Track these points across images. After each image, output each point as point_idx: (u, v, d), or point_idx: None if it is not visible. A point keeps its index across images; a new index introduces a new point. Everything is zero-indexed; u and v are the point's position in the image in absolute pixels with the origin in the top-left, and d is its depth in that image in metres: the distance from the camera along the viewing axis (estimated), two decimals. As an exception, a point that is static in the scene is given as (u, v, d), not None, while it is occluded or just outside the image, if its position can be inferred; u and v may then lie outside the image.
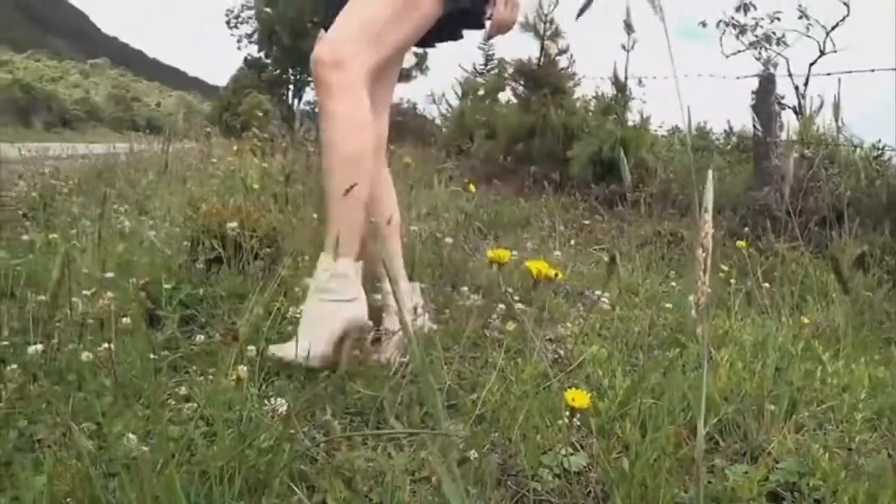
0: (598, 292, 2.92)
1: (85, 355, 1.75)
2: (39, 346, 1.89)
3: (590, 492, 1.34)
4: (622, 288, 3.18)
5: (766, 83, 5.97)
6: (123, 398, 1.72)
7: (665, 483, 1.14)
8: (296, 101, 37.35)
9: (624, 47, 7.73)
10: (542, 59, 8.56)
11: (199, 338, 2.11)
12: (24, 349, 1.94)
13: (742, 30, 11.29)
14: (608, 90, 7.98)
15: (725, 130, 8.79)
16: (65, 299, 2.28)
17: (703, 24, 11.47)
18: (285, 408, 1.44)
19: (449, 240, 3.00)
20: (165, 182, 5.50)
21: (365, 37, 1.93)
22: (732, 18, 11.30)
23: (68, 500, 1.28)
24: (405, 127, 23.97)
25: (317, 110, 2.01)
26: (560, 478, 1.35)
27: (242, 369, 1.62)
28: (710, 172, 0.67)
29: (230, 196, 4.17)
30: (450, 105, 12.89)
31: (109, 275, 2.44)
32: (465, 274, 2.92)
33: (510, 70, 8.65)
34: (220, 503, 1.27)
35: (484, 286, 2.75)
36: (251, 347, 1.83)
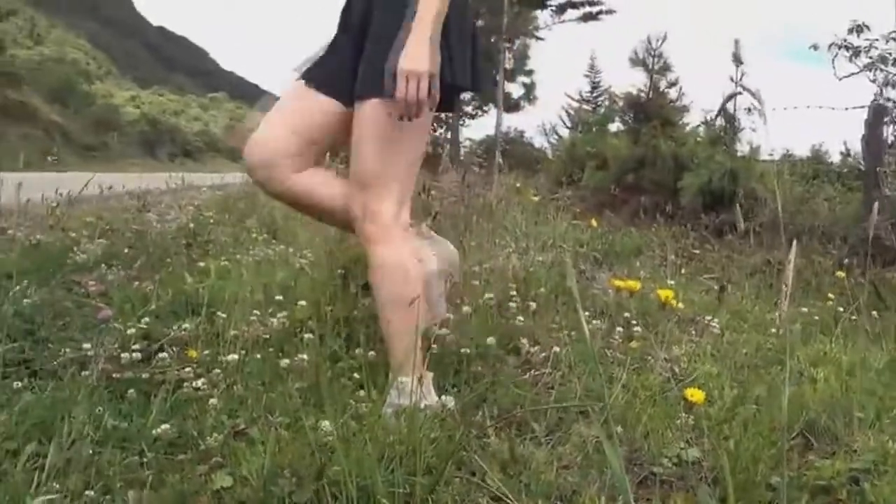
0: (708, 318, 3.17)
1: (283, 363, 2.15)
2: (234, 356, 2.30)
3: (702, 477, 1.63)
4: (731, 314, 3.42)
5: (877, 113, 6.06)
6: (310, 398, 2.09)
7: (764, 467, 1.42)
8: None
9: (732, 79, 7.89)
10: (652, 91, 8.80)
11: (358, 351, 2.48)
12: (216, 358, 2.35)
13: (856, 52, 11.12)
14: (717, 121, 8.16)
15: (842, 153, 8.78)
16: (244, 317, 2.71)
17: (815, 48, 11.34)
18: (453, 404, 1.78)
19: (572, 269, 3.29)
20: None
21: (383, 180, 2.02)
22: (845, 41, 11.13)
23: (285, 471, 1.64)
24: (512, 155, 24.34)
25: None
26: (678, 466, 1.65)
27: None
28: (794, 246, 0.96)
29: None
30: (558, 135, 13.16)
31: (279, 297, 2.86)
32: (586, 300, 3.22)
33: (620, 103, 8.90)
34: (401, 478, 1.61)
35: (604, 311, 3.05)
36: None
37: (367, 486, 1.54)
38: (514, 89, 37.04)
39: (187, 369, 2.17)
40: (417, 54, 1.89)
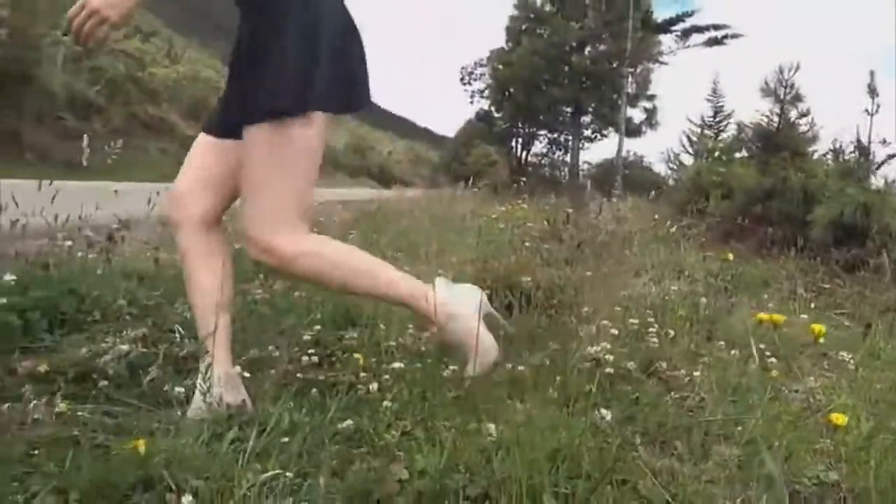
0: (842, 353, 3.24)
1: (447, 373, 2.39)
2: (399, 365, 2.55)
3: (842, 498, 1.76)
4: (863, 350, 3.47)
5: None
6: (465, 406, 2.31)
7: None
8: (524, 153, 38.70)
9: (868, 111, 7.78)
10: (781, 122, 8.74)
11: (508, 366, 2.70)
12: (380, 365, 2.60)
13: None
14: (849, 153, 8.04)
15: None
16: (399, 329, 2.96)
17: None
18: (609, 417, 1.98)
19: (703, 300, 3.44)
20: (434, 233, 6.29)
21: (275, 212, 2.06)
22: None
23: (459, 467, 1.86)
24: (631, 180, 24.26)
25: None
26: (817, 486, 1.79)
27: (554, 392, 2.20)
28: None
29: (492, 247, 4.84)
30: (680, 162, 13.13)
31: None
32: (717, 330, 3.35)
33: (748, 133, 8.87)
34: (563, 479, 1.80)
35: (736, 341, 3.17)
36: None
37: (534, 484, 1.74)
38: (636, 114, 37.07)
39: (361, 375, 2.43)
40: None
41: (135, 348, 2.43)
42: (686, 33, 31.49)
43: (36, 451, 1.82)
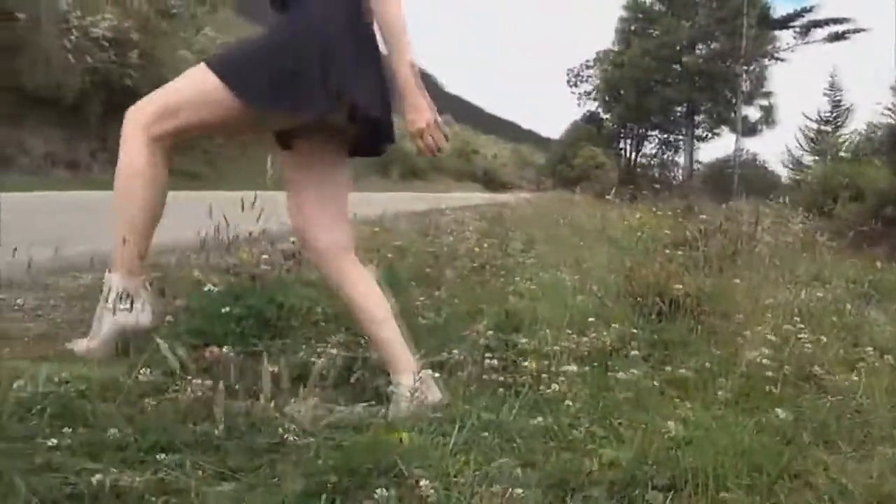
0: None
1: (619, 375, 2.63)
2: (572, 368, 2.79)
3: None
4: None
5: None
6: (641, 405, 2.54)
7: None
8: (633, 154, 38.34)
9: None
10: (914, 121, 8.56)
11: (668, 369, 2.91)
12: (549, 368, 2.84)
13: None
14: None
15: None
16: (560, 335, 3.19)
17: None
18: (784, 417, 2.18)
19: (849, 306, 3.57)
20: (563, 238, 6.50)
21: (163, 95, 2.33)
22: None
23: (647, 459, 2.08)
24: (748, 180, 23.77)
25: None
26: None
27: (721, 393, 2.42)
28: None
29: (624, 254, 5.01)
30: (802, 164, 12.87)
31: (591, 319, 3.33)
32: (863, 335, 3.47)
33: (879, 132, 8.72)
34: (743, 472, 2.01)
35: (885, 346, 3.29)
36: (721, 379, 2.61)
37: (718, 476, 1.96)
38: (751, 112, 36.19)
39: (543, 376, 2.67)
40: (417, 110, 2.21)
41: (341, 352, 2.74)
42: (806, 29, 30.50)
43: (278, 441, 2.11)
